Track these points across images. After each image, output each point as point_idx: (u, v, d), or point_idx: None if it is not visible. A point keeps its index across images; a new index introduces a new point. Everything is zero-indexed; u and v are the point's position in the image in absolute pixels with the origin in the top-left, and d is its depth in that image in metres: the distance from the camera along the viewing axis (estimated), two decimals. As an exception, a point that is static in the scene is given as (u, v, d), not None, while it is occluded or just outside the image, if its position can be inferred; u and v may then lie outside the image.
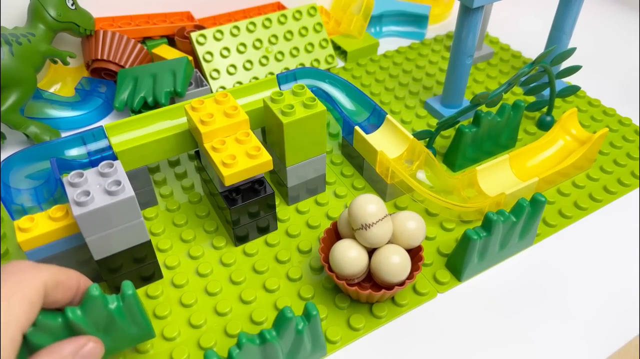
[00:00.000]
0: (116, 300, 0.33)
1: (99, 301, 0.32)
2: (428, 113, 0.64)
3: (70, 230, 0.38)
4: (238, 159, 0.41)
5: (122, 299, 0.33)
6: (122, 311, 0.33)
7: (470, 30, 0.54)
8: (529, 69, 0.53)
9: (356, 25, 0.74)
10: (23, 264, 0.29)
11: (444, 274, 0.45)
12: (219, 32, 0.66)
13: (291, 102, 0.45)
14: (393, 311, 0.42)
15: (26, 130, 0.57)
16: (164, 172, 0.55)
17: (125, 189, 0.37)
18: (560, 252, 0.47)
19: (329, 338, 0.40)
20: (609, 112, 0.63)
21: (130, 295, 0.33)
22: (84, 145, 0.45)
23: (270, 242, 0.47)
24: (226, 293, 0.44)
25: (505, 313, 0.43)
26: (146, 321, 0.35)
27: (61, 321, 0.30)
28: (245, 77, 0.67)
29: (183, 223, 0.49)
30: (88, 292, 0.31)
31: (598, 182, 0.54)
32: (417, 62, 0.73)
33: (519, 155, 0.53)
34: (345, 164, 0.56)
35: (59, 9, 0.59)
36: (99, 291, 0.31)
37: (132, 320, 0.34)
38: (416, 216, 0.41)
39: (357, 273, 0.40)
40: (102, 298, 0.32)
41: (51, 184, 0.43)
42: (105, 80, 0.67)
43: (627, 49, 0.77)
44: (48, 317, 0.30)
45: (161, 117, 0.48)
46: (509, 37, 0.79)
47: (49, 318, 0.30)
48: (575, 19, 0.61)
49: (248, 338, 0.33)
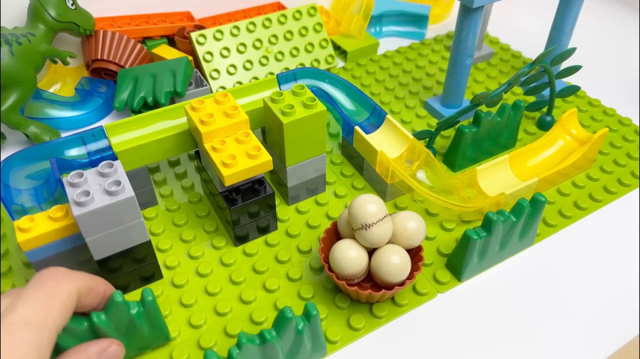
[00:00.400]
0: (137, 306, 0.34)
1: (122, 307, 0.34)
2: (428, 113, 0.64)
3: (70, 230, 0.38)
4: (238, 159, 0.41)
5: (142, 304, 0.35)
6: (142, 316, 0.35)
7: (470, 30, 0.54)
8: (529, 69, 0.53)
9: (356, 25, 0.74)
10: (59, 271, 0.31)
11: (444, 274, 0.45)
12: (219, 32, 0.66)
13: (291, 102, 0.45)
14: (393, 311, 0.42)
15: (26, 130, 0.57)
16: (164, 172, 0.55)
17: (125, 189, 0.37)
18: (560, 252, 0.48)
19: (329, 338, 0.40)
20: (609, 112, 0.63)
21: (150, 301, 0.35)
22: (83, 145, 0.45)
23: (270, 242, 0.47)
24: (226, 293, 0.44)
25: (505, 313, 0.43)
26: (163, 325, 0.38)
27: (87, 325, 0.32)
28: (245, 77, 0.67)
29: (183, 223, 0.49)
30: (112, 298, 0.33)
31: (598, 182, 0.54)
32: (417, 62, 0.73)
33: (519, 155, 0.53)
34: (345, 164, 0.56)
35: (59, 9, 0.59)
36: (122, 298, 0.33)
37: (150, 324, 0.36)
38: (416, 216, 0.41)
39: (357, 273, 0.40)
40: (125, 303, 0.34)
41: (51, 184, 0.43)
42: (105, 80, 0.67)
43: (627, 49, 0.77)
44: (75, 322, 0.32)
45: (161, 117, 0.48)
46: (509, 37, 0.79)
47: (76, 322, 0.32)
48: (575, 19, 0.61)
49: (248, 338, 0.33)
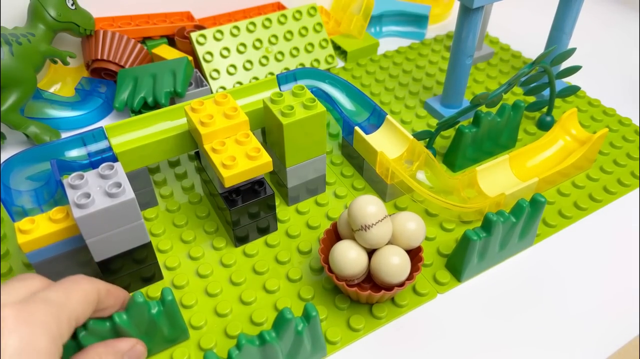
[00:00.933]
0: (157, 305, 0.35)
1: (143, 307, 0.34)
2: (428, 113, 0.64)
3: (70, 232, 0.38)
4: (238, 161, 0.41)
5: (162, 304, 0.35)
6: (161, 316, 0.36)
7: (470, 30, 0.54)
8: (529, 69, 0.53)
9: (356, 25, 0.74)
10: (81, 276, 0.32)
11: (443, 274, 0.45)
12: (219, 32, 0.66)
13: (291, 103, 0.45)
14: (393, 311, 0.42)
15: (26, 130, 0.57)
16: (164, 172, 0.55)
17: (126, 191, 0.37)
18: (560, 252, 0.48)
19: (329, 338, 0.40)
20: (609, 112, 0.63)
21: (170, 301, 0.36)
22: (84, 146, 0.45)
23: (270, 243, 0.47)
24: (226, 294, 0.44)
25: (505, 313, 0.43)
26: (183, 324, 0.39)
27: (109, 325, 0.33)
28: (245, 78, 0.67)
29: (183, 224, 0.49)
30: (133, 298, 0.34)
31: (598, 182, 0.54)
32: (417, 62, 0.73)
33: (519, 155, 0.53)
34: (345, 165, 0.56)
35: (59, 9, 0.59)
36: (143, 298, 0.34)
37: (170, 323, 0.37)
38: (416, 216, 0.41)
39: (357, 274, 0.40)
40: (145, 304, 0.34)
41: (51, 186, 0.43)
42: (105, 81, 0.67)
43: (627, 49, 0.77)
44: (97, 323, 0.33)
45: (161, 117, 0.48)
46: (509, 37, 0.79)
47: (99, 324, 0.33)
48: (575, 19, 0.61)
49: (248, 339, 0.33)
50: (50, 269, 0.40)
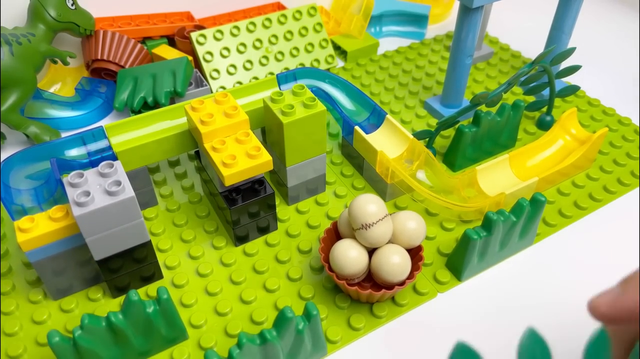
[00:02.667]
0: (153, 304, 0.35)
1: (138, 306, 0.34)
2: (428, 113, 0.64)
3: (70, 230, 0.38)
4: (238, 159, 0.41)
5: (158, 303, 0.35)
6: (158, 314, 0.36)
7: (470, 30, 0.54)
8: (528, 68, 0.53)
9: (356, 25, 0.74)
10: None
11: (444, 274, 0.45)
12: (219, 32, 0.66)
13: (291, 102, 0.45)
14: (393, 310, 0.42)
15: (26, 130, 0.57)
16: (164, 172, 0.55)
17: (126, 190, 0.37)
18: (560, 252, 0.48)
19: (329, 337, 0.40)
20: (609, 112, 0.63)
21: (166, 299, 0.35)
22: (83, 145, 0.45)
23: (270, 242, 0.47)
24: (226, 293, 0.44)
25: (505, 312, 0.43)
26: (180, 323, 0.38)
27: (105, 324, 0.33)
28: (245, 77, 0.67)
29: (183, 223, 0.49)
30: (128, 297, 0.34)
31: (598, 182, 0.54)
32: (416, 62, 0.73)
33: (519, 155, 0.53)
34: (345, 164, 0.56)
35: (59, 9, 0.59)
36: (137, 297, 0.34)
37: (167, 323, 0.37)
38: (416, 215, 0.41)
39: (357, 273, 0.40)
40: (140, 302, 0.34)
41: (51, 185, 0.43)
42: (105, 81, 0.67)
43: (627, 48, 0.77)
44: (93, 321, 0.33)
45: (161, 117, 0.48)
46: (508, 37, 0.79)
47: (94, 321, 0.33)
48: (575, 19, 0.61)
49: (248, 338, 0.33)
50: (49, 268, 0.40)
